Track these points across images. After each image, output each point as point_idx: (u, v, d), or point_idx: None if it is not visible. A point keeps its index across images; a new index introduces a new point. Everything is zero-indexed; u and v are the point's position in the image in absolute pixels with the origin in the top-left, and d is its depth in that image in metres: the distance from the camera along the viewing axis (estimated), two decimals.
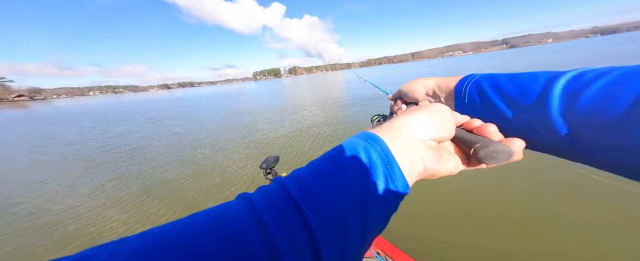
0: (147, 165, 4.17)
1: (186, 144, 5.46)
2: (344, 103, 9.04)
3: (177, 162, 4.15)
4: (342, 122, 5.94)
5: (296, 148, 4.31)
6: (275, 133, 5.54)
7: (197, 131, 6.98)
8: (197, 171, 3.62)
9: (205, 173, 3.52)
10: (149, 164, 4.23)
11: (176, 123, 8.99)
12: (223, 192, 2.90)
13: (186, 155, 4.53)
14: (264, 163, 1.31)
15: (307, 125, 6.11)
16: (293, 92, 19.76)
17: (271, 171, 1.34)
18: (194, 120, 9.49)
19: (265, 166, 1.29)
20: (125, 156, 4.97)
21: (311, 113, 7.69)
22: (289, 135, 5.23)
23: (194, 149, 4.93)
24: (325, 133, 5.12)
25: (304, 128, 5.72)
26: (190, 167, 3.82)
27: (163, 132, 7.32)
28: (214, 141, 5.49)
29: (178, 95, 46.18)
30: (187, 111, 13.31)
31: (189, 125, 8.11)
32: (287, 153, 4.09)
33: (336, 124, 5.81)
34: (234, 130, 6.59)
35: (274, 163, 1.34)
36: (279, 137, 5.16)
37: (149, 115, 12.78)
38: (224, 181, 3.17)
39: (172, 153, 4.78)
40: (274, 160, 1.36)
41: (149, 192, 3.09)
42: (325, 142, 4.52)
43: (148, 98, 46.35)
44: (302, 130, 5.53)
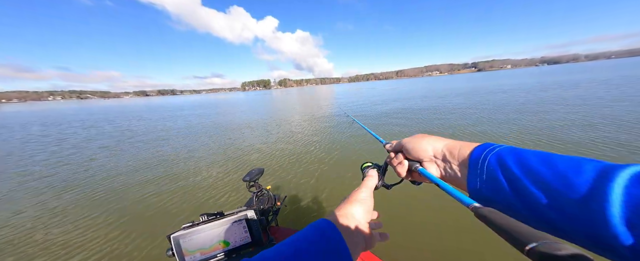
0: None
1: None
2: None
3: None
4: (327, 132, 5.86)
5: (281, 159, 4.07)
6: (261, 145, 5.25)
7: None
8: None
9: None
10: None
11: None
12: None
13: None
14: (247, 175, 1.30)
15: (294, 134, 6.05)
16: (277, 103, 19.78)
17: (255, 183, 1.33)
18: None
19: (248, 178, 1.28)
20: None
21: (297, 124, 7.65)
22: (273, 148, 4.98)
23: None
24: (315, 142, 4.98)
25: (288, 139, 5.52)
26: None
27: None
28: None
29: (151, 103, 44.55)
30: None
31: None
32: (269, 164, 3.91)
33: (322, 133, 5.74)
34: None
35: (258, 176, 1.32)
36: (261, 149, 4.93)
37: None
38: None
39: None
40: (258, 172, 1.34)
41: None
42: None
43: (108, 105, 42.78)
44: (288, 142, 5.38)
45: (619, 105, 6.27)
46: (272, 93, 62.11)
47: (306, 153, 4.59)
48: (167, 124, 10.69)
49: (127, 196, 3.23)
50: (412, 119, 7.01)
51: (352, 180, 3.20)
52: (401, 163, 0.39)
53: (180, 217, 2.60)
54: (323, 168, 3.66)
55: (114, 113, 19.53)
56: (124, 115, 17.66)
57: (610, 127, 4.41)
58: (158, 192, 3.28)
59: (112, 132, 9.23)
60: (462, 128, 5.43)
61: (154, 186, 3.52)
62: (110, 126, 11.06)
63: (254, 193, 1.39)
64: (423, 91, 18.14)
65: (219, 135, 7.32)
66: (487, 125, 5.49)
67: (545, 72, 38.20)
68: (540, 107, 7.04)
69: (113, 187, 3.55)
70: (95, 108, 31.54)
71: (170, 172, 4.07)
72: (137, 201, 3.07)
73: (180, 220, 2.55)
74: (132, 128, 9.97)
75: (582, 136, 4.03)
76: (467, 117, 6.54)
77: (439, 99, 11.83)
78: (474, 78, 50.79)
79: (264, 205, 1.34)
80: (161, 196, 3.14)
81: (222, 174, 3.82)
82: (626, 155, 3.10)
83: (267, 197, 1.41)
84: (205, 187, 3.38)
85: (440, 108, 8.62)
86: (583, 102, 7.23)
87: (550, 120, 5.34)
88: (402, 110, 8.35)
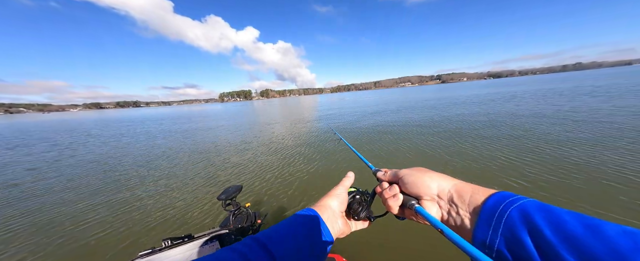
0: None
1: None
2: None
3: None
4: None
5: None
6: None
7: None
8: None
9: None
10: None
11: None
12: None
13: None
14: (223, 194, 1.24)
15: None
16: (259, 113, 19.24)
17: (232, 202, 1.28)
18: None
19: (224, 197, 1.22)
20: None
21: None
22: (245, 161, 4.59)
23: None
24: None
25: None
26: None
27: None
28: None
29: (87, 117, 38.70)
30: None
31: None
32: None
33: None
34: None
35: (235, 194, 1.27)
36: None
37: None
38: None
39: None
40: (234, 190, 1.28)
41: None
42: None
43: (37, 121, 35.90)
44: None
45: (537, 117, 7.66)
46: (253, 104, 60.01)
47: (288, 165, 4.46)
48: (122, 141, 9.41)
49: (62, 223, 2.66)
50: (397, 133, 6.38)
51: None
52: (395, 196, 0.35)
53: (137, 245, 2.22)
54: (306, 180, 3.58)
55: (50, 130, 16.50)
56: (63, 131, 15.07)
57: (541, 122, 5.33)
58: (103, 218, 2.77)
59: (47, 151, 7.74)
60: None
61: (104, 209, 2.98)
62: (46, 144, 9.27)
63: (230, 212, 1.29)
64: (401, 102, 19.08)
65: (189, 150, 6.69)
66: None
67: (491, 84, 44.99)
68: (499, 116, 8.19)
69: (48, 214, 2.89)
70: (30, 125, 26.40)
71: (126, 194, 3.52)
72: (79, 229, 2.54)
73: (136, 248, 2.17)
74: (72, 147, 8.47)
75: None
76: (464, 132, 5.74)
77: (411, 110, 12.91)
78: (441, 88, 57.48)
79: (242, 224, 1.24)
80: (109, 223, 2.65)
81: (192, 193, 3.44)
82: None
83: (246, 215, 1.31)
84: (170, 207, 2.99)
85: (418, 121, 9.17)
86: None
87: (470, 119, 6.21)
88: (385, 124, 8.34)
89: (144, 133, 11.08)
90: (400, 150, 4.80)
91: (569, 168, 3.04)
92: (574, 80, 31.31)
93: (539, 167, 3.15)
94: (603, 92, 11.70)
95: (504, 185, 2.82)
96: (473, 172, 3.24)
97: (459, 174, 2.97)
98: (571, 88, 16.10)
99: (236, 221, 1.25)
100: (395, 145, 5.24)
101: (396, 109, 13.28)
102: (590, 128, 4.89)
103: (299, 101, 50.54)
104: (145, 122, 19.10)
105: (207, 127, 12.39)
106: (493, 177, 3.05)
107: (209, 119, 18.02)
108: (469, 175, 3.18)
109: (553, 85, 22.00)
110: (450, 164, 3.62)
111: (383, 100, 25.60)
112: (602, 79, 25.87)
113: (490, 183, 2.89)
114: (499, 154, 3.81)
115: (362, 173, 0.74)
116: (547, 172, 2.98)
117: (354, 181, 0.50)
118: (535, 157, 3.52)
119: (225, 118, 17.40)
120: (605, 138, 4.13)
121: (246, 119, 15.57)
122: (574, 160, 3.26)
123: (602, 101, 8.69)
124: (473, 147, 4.39)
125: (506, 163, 3.43)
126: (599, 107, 7.37)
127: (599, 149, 3.61)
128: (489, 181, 2.96)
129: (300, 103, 36.93)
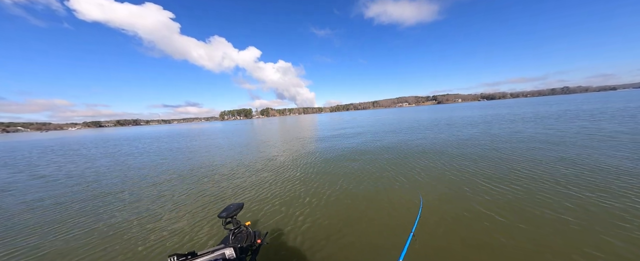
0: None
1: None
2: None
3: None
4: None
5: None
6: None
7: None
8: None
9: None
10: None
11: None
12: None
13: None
14: (224, 211, 1.20)
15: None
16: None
17: (232, 220, 1.23)
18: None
19: (224, 215, 1.19)
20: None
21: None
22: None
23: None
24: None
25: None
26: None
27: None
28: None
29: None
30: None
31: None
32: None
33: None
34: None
35: (236, 212, 1.23)
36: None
37: None
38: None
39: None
40: (235, 208, 1.24)
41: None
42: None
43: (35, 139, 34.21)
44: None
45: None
46: (253, 123, 60.48)
47: (291, 181, 4.35)
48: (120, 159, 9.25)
49: (59, 240, 2.47)
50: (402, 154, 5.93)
51: (341, 207, 3.06)
52: None
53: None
54: (312, 201, 3.45)
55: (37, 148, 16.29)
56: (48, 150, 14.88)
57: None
58: (105, 236, 2.59)
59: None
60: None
61: (106, 227, 2.80)
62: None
63: (230, 231, 1.25)
64: (395, 116, 18.62)
65: (188, 168, 6.56)
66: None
67: (485, 106, 46.37)
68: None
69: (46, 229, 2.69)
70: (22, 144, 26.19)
71: (129, 211, 3.35)
72: (81, 248, 2.36)
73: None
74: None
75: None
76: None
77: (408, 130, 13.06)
78: (437, 108, 58.70)
79: (242, 243, 1.19)
80: (112, 240, 2.48)
81: (192, 212, 3.29)
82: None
83: (246, 234, 1.27)
84: (171, 224, 2.84)
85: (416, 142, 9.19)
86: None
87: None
88: (378, 141, 8.39)
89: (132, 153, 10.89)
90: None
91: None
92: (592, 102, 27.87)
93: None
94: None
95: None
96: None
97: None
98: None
99: (236, 240, 1.21)
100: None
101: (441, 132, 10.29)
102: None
103: (298, 120, 50.32)
104: (136, 141, 18.95)
105: (206, 145, 12.33)
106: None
107: (204, 136, 18.00)
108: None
109: (589, 106, 19.58)
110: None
111: (393, 120, 22.79)
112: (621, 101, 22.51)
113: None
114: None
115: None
116: None
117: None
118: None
119: (223, 137, 17.34)
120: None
121: (244, 139, 15.55)
122: None
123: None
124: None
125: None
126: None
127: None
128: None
129: (299, 122, 36.62)
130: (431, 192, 3.35)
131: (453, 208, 2.79)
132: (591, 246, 1.94)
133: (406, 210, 2.86)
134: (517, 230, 2.25)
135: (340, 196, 3.48)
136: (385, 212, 2.85)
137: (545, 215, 2.47)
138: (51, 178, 6.03)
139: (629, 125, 7.79)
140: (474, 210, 2.72)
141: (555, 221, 2.36)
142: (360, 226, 2.55)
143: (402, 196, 3.28)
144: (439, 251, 2.01)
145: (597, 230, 2.18)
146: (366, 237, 2.34)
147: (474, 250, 2.00)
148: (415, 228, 1.48)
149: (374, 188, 3.73)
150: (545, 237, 2.12)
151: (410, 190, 3.52)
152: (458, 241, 2.12)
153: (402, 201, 3.13)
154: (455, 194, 3.22)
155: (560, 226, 2.26)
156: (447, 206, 2.87)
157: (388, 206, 3.01)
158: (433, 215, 2.65)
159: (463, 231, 2.30)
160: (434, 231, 2.32)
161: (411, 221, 1.70)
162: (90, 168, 7.04)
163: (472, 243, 2.10)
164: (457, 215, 2.62)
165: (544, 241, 2.06)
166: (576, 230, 2.18)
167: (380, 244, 2.21)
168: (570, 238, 2.08)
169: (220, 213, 1.21)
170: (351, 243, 2.26)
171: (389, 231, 2.42)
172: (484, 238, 2.17)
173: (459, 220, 2.50)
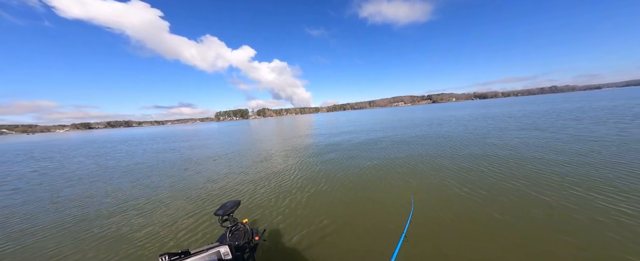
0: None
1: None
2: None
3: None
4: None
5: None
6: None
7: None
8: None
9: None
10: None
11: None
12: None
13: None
14: (221, 209, 1.20)
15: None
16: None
17: (229, 217, 1.24)
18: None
19: (221, 212, 1.19)
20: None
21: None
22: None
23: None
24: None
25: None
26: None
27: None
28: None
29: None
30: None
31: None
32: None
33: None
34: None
35: (233, 209, 1.24)
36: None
37: None
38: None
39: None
40: (232, 205, 1.24)
41: None
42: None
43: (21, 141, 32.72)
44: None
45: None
46: (249, 123, 59.74)
47: (287, 180, 4.37)
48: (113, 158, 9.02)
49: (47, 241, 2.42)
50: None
51: (343, 206, 3.10)
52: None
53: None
54: (309, 197, 3.49)
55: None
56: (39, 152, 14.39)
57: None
58: (91, 235, 2.56)
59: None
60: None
61: (93, 226, 2.75)
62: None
63: (227, 228, 1.26)
64: (391, 115, 18.57)
65: (181, 165, 6.48)
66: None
67: (479, 104, 47.24)
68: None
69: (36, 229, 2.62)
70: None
71: (120, 207, 3.30)
72: (69, 246, 2.32)
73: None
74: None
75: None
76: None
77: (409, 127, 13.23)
78: (432, 107, 59.21)
79: (240, 241, 1.21)
80: (105, 240, 2.45)
81: (186, 209, 3.27)
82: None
83: (243, 232, 1.29)
84: (164, 224, 2.83)
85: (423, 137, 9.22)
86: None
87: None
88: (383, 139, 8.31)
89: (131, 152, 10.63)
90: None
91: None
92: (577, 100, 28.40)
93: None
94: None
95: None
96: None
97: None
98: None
99: (233, 238, 1.22)
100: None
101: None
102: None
103: (295, 120, 50.04)
104: (126, 142, 18.54)
105: (201, 145, 12.15)
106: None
107: (196, 139, 17.71)
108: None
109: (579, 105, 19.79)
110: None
111: (387, 119, 22.54)
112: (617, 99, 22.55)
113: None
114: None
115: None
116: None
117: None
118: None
119: (217, 138, 17.09)
120: None
121: (238, 138, 15.38)
122: None
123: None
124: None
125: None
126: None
127: None
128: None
129: (296, 122, 36.41)
130: (421, 193, 3.42)
131: (444, 209, 2.85)
132: (591, 247, 1.97)
133: (398, 213, 2.89)
134: (509, 228, 2.30)
135: (337, 196, 3.55)
136: (377, 215, 2.88)
137: (541, 215, 2.50)
138: (48, 176, 5.83)
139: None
140: (464, 209, 2.81)
141: (555, 221, 2.38)
142: (354, 227, 2.61)
143: (395, 200, 3.28)
144: (430, 251, 2.08)
145: (596, 228, 2.20)
146: (360, 238, 2.39)
147: (465, 251, 2.06)
148: (406, 229, 1.52)
149: (368, 189, 3.80)
150: (543, 237, 2.13)
151: (402, 191, 3.57)
152: (449, 242, 2.19)
153: (395, 205, 3.14)
154: (445, 195, 3.30)
155: (560, 226, 2.27)
156: (438, 207, 2.93)
157: (381, 208, 3.05)
158: (424, 216, 2.71)
159: (454, 231, 2.36)
160: (426, 232, 2.37)
161: (404, 222, 1.74)
162: (81, 169, 6.84)
163: (463, 243, 2.16)
164: (447, 215, 2.68)
165: (542, 241, 2.08)
166: (576, 230, 2.22)
167: (374, 244, 2.26)
168: (569, 237, 2.10)
169: (217, 210, 1.21)
170: (346, 244, 2.31)
171: (381, 232, 2.46)
172: (475, 237, 2.24)
173: (449, 221, 2.56)
